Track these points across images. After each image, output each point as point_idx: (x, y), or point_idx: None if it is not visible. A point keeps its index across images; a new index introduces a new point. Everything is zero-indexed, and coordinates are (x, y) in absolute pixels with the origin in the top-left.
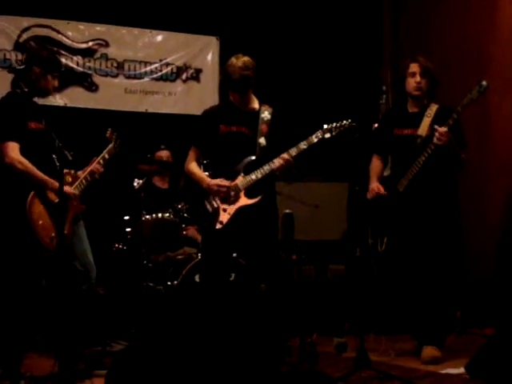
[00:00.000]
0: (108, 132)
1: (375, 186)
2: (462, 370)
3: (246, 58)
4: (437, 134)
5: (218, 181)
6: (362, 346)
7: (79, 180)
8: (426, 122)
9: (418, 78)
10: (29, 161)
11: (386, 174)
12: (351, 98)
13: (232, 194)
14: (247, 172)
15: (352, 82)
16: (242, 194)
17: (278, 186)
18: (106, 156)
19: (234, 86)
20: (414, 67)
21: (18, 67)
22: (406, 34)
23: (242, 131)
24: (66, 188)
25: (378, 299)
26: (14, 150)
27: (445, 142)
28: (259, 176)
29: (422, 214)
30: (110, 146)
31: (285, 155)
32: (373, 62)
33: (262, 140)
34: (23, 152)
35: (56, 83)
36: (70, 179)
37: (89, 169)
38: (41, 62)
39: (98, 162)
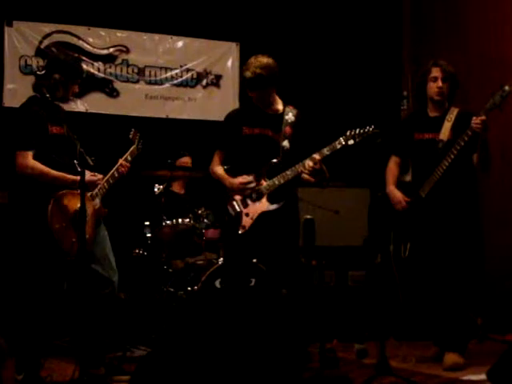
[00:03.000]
0: (131, 133)
1: (400, 196)
2: (483, 376)
3: (263, 59)
4: (474, 121)
5: (241, 179)
6: (382, 352)
7: (101, 183)
8: (447, 126)
9: (439, 83)
10: (50, 166)
11: (407, 179)
12: (372, 103)
13: (254, 189)
14: (270, 176)
15: (373, 88)
16: (264, 199)
17: (299, 191)
18: (129, 158)
19: (247, 83)
20: (435, 72)
21: (39, 73)
22: (427, 39)
23: (265, 133)
24: (88, 176)
25: (398, 305)
26: (24, 158)
27: (482, 128)
28: (282, 181)
29: (445, 219)
30: (133, 147)
31: (313, 157)
32: (394, 68)
33: (286, 143)
34: (44, 157)
35: (76, 89)
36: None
37: (111, 172)
38: (61, 69)
39: (121, 164)
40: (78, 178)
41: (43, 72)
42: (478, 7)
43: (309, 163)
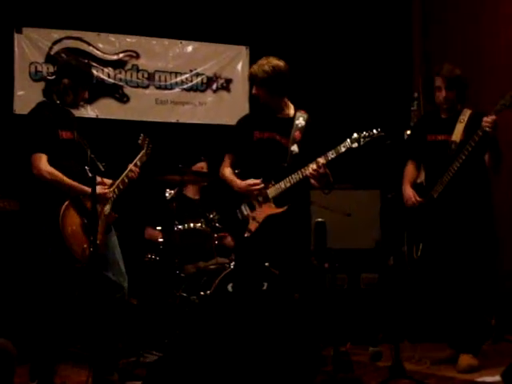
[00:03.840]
0: (141, 138)
1: (412, 194)
2: (497, 378)
3: (272, 61)
4: (484, 122)
5: (249, 181)
6: (397, 355)
7: (112, 188)
8: (460, 127)
9: (443, 93)
10: (60, 171)
11: (419, 180)
12: (383, 104)
13: (262, 199)
14: (278, 180)
15: (383, 89)
16: (271, 202)
17: (310, 194)
18: (138, 163)
19: (260, 81)
20: (438, 82)
21: (49, 77)
22: (437, 40)
23: (273, 138)
24: (98, 188)
25: (412, 307)
26: (41, 161)
27: (491, 128)
28: (288, 184)
29: (457, 220)
30: (142, 152)
31: (317, 160)
32: (404, 69)
33: (295, 147)
34: (54, 162)
35: (86, 95)
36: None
37: (120, 178)
38: (70, 74)
39: (131, 169)
40: (90, 190)
41: (53, 77)
42: (491, 7)
43: (313, 166)
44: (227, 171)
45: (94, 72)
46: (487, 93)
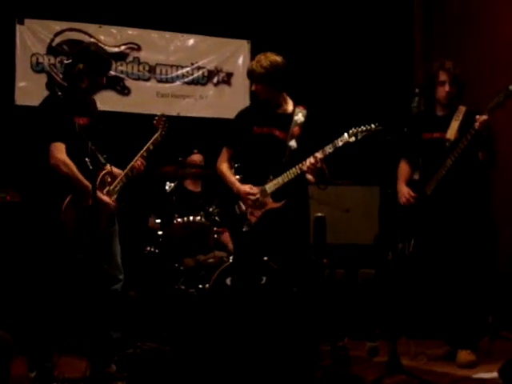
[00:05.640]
0: (156, 118)
1: (406, 190)
2: (495, 374)
3: (271, 56)
4: (477, 121)
5: (248, 188)
6: (393, 351)
7: (119, 178)
8: (455, 125)
9: (447, 88)
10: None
11: (416, 177)
12: (384, 100)
13: (260, 200)
14: (276, 175)
15: (384, 85)
16: (268, 197)
17: (309, 189)
18: (151, 147)
19: (259, 76)
20: (443, 76)
21: (66, 61)
22: (439, 35)
23: (272, 133)
24: (104, 197)
25: (409, 303)
26: (60, 151)
27: (483, 128)
28: (286, 180)
29: (450, 216)
30: (157, 134)
31: (315, 155)
32: (405, 65)
33: (293, 143)
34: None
35: (103, 82)
36: (109, 179)
37: (130, 165)
38: (86, 59)
39: (142, 156)
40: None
41: (70, 61)
42: (491, 6)
43: (310, 160)
44: (224, 167)
45: None
46: (487, 89)
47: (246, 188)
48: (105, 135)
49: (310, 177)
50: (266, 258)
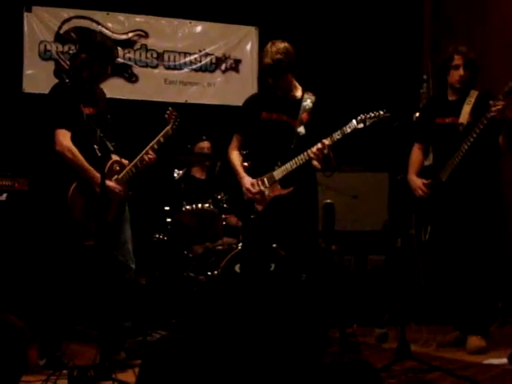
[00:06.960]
0: (168, 112)
1: (420, 183)
2: (504, 360)
3: (280, 44)
4: (493, 107)
5: (249, 184)
6: (403, 337)
7: (128, 168)
8: (467, 109)
9: (461, 72)
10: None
11: (427, 163)
12: (392, 86)
13: (264, 193)
14: (284, 161)
15: (393, 71)
16: (277, 183)
17: (317, 176)
18: (162, 140)
19: (266, 70)
20: (457, 60)
21: (71, 51)
22: (447, 21)
23: (281, 119)
24: (111, 183)
25: (419, 289)
26: (65, 137)
27: (500, 114)
28: (294, 166)
29: (466, 202)
30: (167, 127)
31: (323, 141)
32: (413, 51)
33: (302, 129)
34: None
35: (107, 71)
36: (118, 168)
37: (139, 156)
38: (89, 49)
39: (152, 148)
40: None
41: (74, 51)
42: None
43: (317, 146)
44: (234, 154)
45: None
46: (495, 73)
47: (248, 183)
48: (112, 124)
49: (315, 163)
50: (274, 245)
